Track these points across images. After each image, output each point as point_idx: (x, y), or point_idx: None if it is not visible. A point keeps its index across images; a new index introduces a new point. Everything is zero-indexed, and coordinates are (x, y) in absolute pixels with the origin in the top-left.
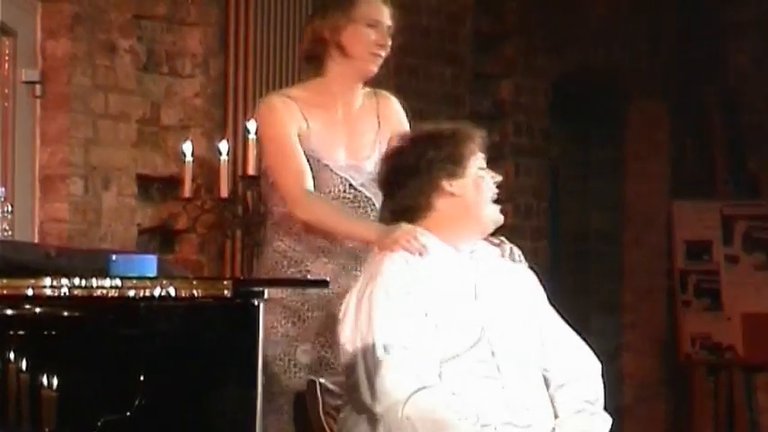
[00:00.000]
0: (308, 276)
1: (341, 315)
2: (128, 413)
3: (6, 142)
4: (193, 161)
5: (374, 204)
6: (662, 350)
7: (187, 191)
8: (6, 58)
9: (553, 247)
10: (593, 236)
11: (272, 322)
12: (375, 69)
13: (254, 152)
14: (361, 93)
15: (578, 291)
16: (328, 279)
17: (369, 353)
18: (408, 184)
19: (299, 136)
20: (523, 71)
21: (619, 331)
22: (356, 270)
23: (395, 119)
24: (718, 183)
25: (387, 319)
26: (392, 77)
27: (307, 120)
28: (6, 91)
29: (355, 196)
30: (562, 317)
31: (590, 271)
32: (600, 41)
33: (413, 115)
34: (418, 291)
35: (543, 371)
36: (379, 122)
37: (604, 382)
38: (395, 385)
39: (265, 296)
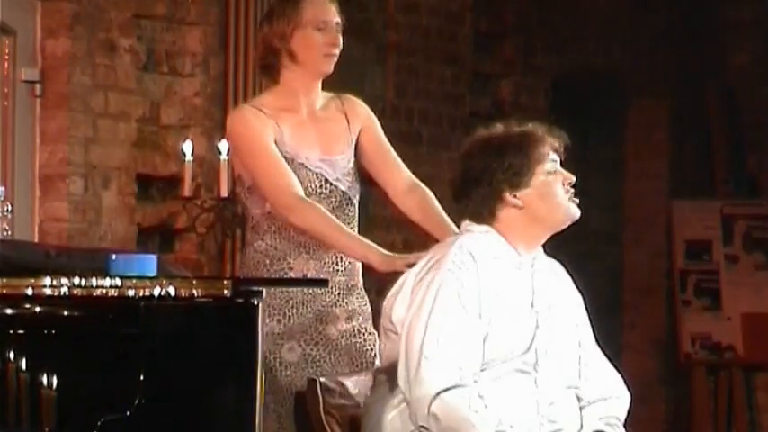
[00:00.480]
0: (291, 273)
1: (394, 289)
2: (127, 413)
3: (6, 141)
4: (193, 160)
5: (350, 198)
6: (662, 350)
7: (187, 190)
8: (6, 57)
9: (552, 247)
10: (593, 235)
11: None
12: (330, 69)
13: None
14: (324, 95)
15: (578, 290)
16: (313, 276)
17: (414, 340)
18: (472, 195)
19: (275, 143)
20: (523, 71)
21: (618, 331)
22: (337, 265)
23: (363, 116)
24: (718, 182)
25: (440, 313)
26: (392, 77)
27: (279, 126)
28: (6, 90)
29: (331, 191)
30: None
31: (590, 271)
32: (600, 41)
33: (413, 115)
34: (477, 289)
35: (575, 388)
36: (347, 120)
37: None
38: (431, 378)
39: (264, 296)
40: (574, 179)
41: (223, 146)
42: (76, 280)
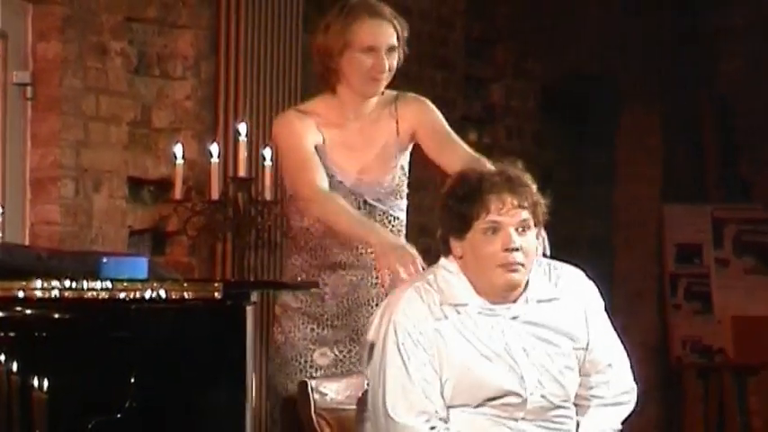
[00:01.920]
0: (326, 289)
1: (373, 317)
2: (118, 415)
3: None
4: (184, 163)
5: (392, 215)
6: (653, 353)
7: (178, 193)
8: None
9: (545, 252)
10: (585, 239)
11: (290, 327)
12: (376, 92)
13: (245, 154)
14: (379, 101)
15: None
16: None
17: (377, 396)
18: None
19: (315, 149)
20: (514, 75)
21: None
22: (376, 279)
23: (415, 115)
24: (709, 186)
25: (391, 368)
26: None
27: (323, 135)
28: None
29: (370, 212)
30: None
31: None
32: (592, 45)
33: None
34: (432, 343)
35: (577, 398)
36: (398, 130)
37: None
38: None
39: (254, 298)
40: (514, 245)
41: (214, 148)
42: (67, 283)
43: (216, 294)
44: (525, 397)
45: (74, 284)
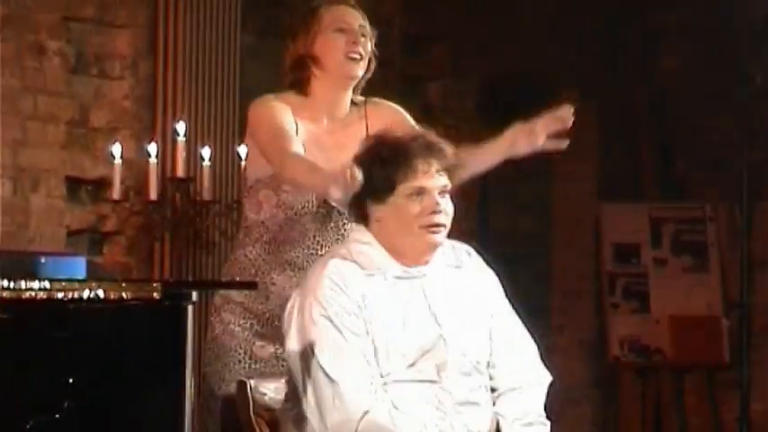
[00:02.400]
0: (272, 288)
1: (289, 308)
2: (57, 416)
3: None
4: (122, 163)
5: (348, 219)
6: (590, 353)
7: (116, 193)
8: None
9: (481, 250)
10: (522, 238)
11: (230, 319)
12: (356, 73)
13: (183, 154)
14: (351, 107)
15: (506, 293)
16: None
17: (312, 378)
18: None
19: None
20: (452, 73)
21: (547, 334)
22: None
23: (385, 115)
24: (647, 185)
25: (333, 348)
26: None
27: (297, 124)
28: None
29: (328, 211)
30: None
31: (518, 273)
32: (528, 43)
33: None
34: (355, 310)
35: (490, 378)
36: (367, 128)
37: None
38: (349, 404)
39: (193, 298)
40: (436, 208)
41: (152, 148)
42: (5, 282)
43: (155, 294)
44: (446, 355)
45: (11, 284)
